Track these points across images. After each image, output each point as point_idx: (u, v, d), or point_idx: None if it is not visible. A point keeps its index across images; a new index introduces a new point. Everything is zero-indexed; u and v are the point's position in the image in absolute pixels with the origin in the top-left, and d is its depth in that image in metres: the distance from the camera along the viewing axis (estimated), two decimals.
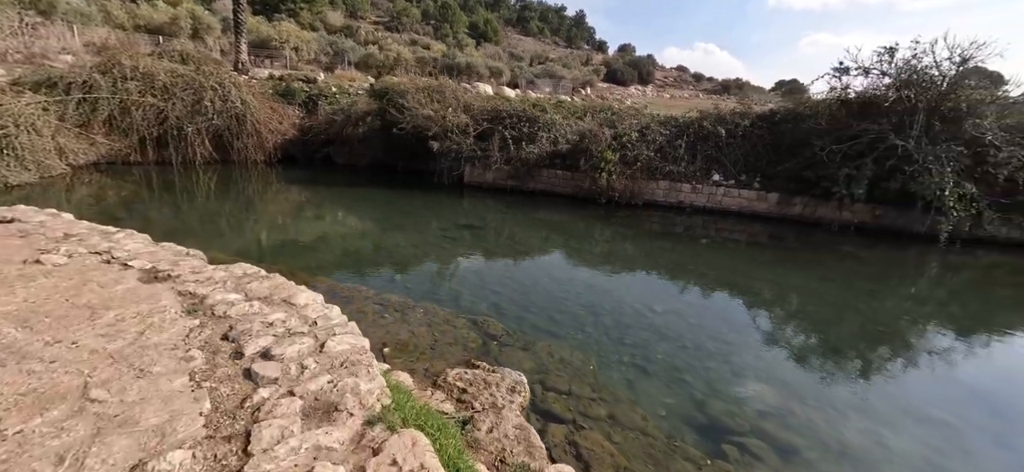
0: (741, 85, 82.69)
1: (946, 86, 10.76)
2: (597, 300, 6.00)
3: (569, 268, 7.47)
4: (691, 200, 12.51)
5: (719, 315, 6.08)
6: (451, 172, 13.33)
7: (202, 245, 6.98)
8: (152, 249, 4.86)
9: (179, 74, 14.84)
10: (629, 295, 6.33)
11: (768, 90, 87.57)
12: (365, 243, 7.79)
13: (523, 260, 7.65)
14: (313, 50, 35.20)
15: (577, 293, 6.20)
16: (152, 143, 14.28)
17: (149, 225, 7.69)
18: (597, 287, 6.53)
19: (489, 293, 5.92)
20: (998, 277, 9.55)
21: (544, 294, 6.06)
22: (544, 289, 6.26)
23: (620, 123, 12.76)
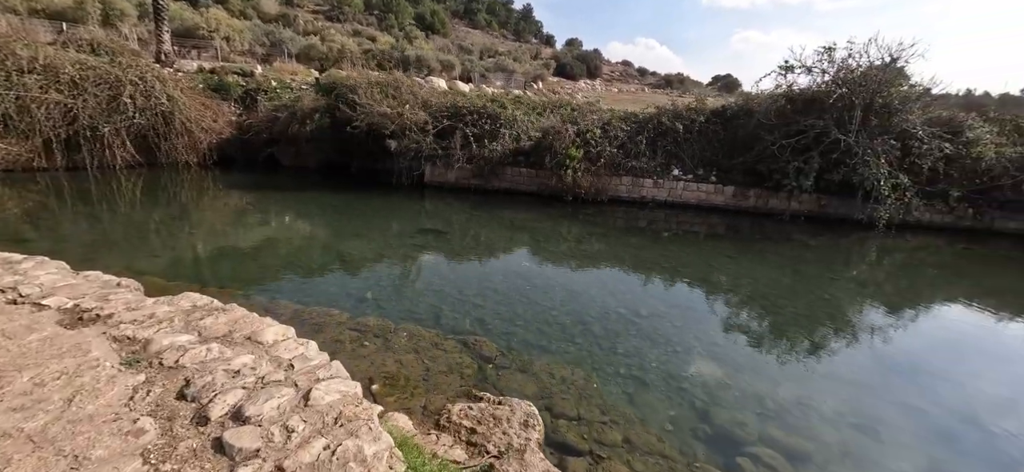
0: (682, 79, 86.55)
1: (878, 84, 11.56)
2: (581, 307, 5.81)
3: (547, 272, 7.25)
4: (653, 195, 12.70)
5: (700, 315, 6.09)
6: (411, 172, 12.72)
7: (132, 267, 6.09)
8: (72, 280, 4.08)
9: (90, 67, 13.07)
10: (612, 299, 6.19)
11: (706, 84, 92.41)
12: (326, 256, 7.14)
13: (498, 266, 7.33)
14: (247, 40, 32.67)
15: (560, 300, 5.98)
16: (60, 146, 12.51)
17: (63, 246, 6.66)
18: (579, 292, 6.34)
19: (471, 307, 5.56)
20: (923, 257, 10.42)
21: (527, 304, 5.78)
22: (526, 298, 5.98)
23: (582, 120, 12.70)
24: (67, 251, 6.36)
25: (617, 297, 6.29)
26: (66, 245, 6.70)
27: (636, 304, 6.01)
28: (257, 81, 19.30)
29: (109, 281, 4.17)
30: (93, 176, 12.52)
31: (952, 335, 6.20)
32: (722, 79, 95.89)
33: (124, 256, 6.50)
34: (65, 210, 9.11)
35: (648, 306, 6.07)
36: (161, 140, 14.02)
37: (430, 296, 5.84)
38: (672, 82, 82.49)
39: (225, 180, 13.46)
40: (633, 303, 6.06)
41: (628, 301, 6.15)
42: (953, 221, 12.05)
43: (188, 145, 14.63)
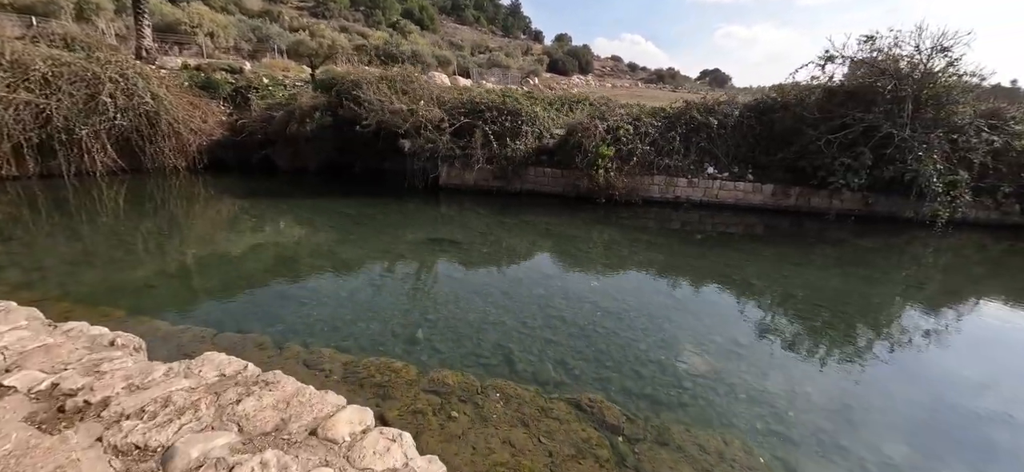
0: (674, 74, 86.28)
1: (926, 75, 10.86)
2: (669, 337, 4.90)
3: (612, 292, 6.27)
4: (687, 195, 11.85)
5: (815, 342, 5.23)
6: (426, 174, 11.67)
7: (120, 293, 4.98)
8: (48, 339, 3.01)
9: (64, 63, 11.75)
10: (700, 324, 5.29)
11: (694, 79, 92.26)
12: (354, 280, 6.08)
13: (553, 285, 6.35)
14: (231, 36, 31.10)
15: (643, 329, 5.04)
16: (32, 151, 11.18)
17: (38, 269, 5.51)
18: (658, 317, 5.42)
19: (543, 343, 4.60)
20: (970, 255, 9.79)
21: (607, 336, 4.84)
22: (603, 327, 5.04)
23: (611, 115, 11.77)
24: (41, 281, 5.24)
25: (704, 321, 5.38)
26: (42, 277, 5.55)
27: (733, 332, 5.11)
28: (247, 78, 18.02)
29: (99, 338, 3.11)
30: (70, 184, 11.23)
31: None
32: (710, 73, 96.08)
33: (110, 284, 5.39)
34: (39, 225, 7.89)
35: (743, 332, 5.18)
36: (146, 143, 12.74)
37: (491, 331, 4.86)
38: (664, 77, 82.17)
39: (218, 186, 12.25)
40: (728, 330, 5.16)
41: (720, 327, 5.25)
42: (999, 218, 11.44)
43: (176, 148, 13.36)
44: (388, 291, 5.80)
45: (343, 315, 5.01)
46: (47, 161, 11.54)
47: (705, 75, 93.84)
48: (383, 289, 5.84)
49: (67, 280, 5.39)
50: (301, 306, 5.14)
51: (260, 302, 5.16)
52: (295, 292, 5.51)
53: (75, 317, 4.14)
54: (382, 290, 5.81)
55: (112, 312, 4.44)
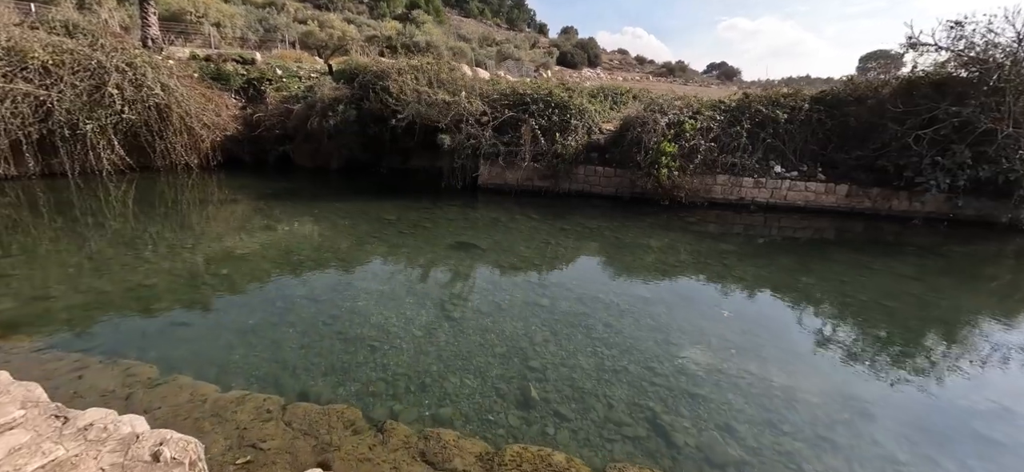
0: (683, 68, 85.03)
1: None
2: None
3: (744, 326, 5.22)
4: (753, 196, 10.76)
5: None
6: (466, 172, 10.59)
7: (145, 333, 3.88)
8: (54, 448, 1.95)
9: (66, 50, 10.65)
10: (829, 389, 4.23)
11: (701, 72, 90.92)
12: (423, 311, 5.01)
13: (663, 317, 5.29)
14: (238, 26, 29.96)
15: (775, 399, 3.98)
16: (32, 148, 10.12)
17: (41, 296, 4.45)
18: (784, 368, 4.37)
19: (688, 399, 3.59)
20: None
21: (756, 383, 3.79)
22: (747, 375, 3.99)
23: (670, 108, 10.65)
24: (44, 316, 4.18)
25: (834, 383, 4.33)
26: (47, 295, 4.51)
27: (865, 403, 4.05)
28: (259, 69, 16.85)
29: (134, 443, 2.04)
30: (75, 184, 10.17)
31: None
32: (717, 67, 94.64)
33: (132, 327, 4.34)
34: (41, 230, 6.83)
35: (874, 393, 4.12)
36: (156, 138, 11.67)
37: (615, 383, 3.83)
38: (673, 70, 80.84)
39: (235, 186, 11.17)
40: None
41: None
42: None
43: (188, 144, 12.30)
44: (469, 326, 4.73)
45: (428, 366, 3.95)
46: (49, 159, 10.48)
47: (712, 68, 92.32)
48: (463, 323, 4.78)
49: (76, 316, 4.32)
50: (373, 352, 4.08)
51: (323, 351, 4.09)
52: (359, 331, 4.45)
53: (91, 376, 3.09)
54: (462, 325, 4.74)
55: (139, 367, 3.38)
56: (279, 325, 4.42)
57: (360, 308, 4.90)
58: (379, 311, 4.87)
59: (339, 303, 4.97)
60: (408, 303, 5.12)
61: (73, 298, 4.66)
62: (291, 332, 4.31)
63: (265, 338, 4.18)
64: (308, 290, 5.21)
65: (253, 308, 4.71)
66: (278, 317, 4.57)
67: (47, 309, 4.32)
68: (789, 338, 4.96)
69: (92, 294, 4.75)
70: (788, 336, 5.00)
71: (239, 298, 4.94)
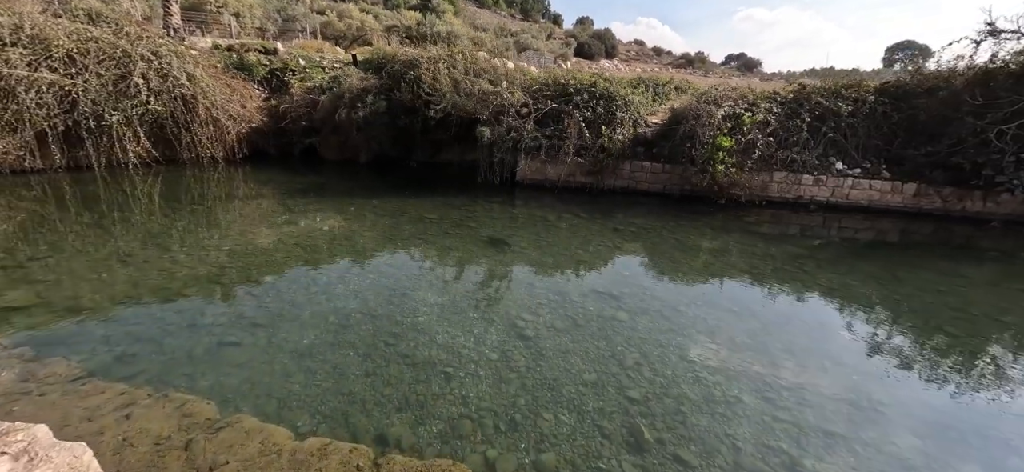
0: (703, 59, 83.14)
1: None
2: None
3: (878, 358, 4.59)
4: (812, 194, 10.02)
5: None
6: (504, 167, 10.01)
7: (184, 356, 3.39)
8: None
9: (91, 38, 10.26)
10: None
11: (719, 64, 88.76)
12: (491, 329, 4.44)
13: (761, 333, 4.71)
14: (257, 16, 29.64)
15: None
16: (57, 140, 9.78)
17: (72, 297, 3.99)
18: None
19: (822, 437, 2.99)
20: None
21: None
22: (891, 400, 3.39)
23: (724, 100, 9.93)
24: (78, 334, 3.73)
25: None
26: (74, 317, 4.06)
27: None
28: (282, 60, 16.38)
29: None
30: (101, 177, 9.82)
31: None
32: (736, 58, 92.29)
33: (168, 332, 3.88)
34: (68, 225, 6.42)
35: None
36: (182, 130, 11.27)
37: (735, 419, 3.27)
38: (693, 61, 79.06)
39: (263, 180, 10.75)
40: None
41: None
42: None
43: (214, 136, 11.90)
44: (548, 347, 4.18)
45: (513, 398, 3.42)
46: (74, 151, 10.15)
47: (730, 59, 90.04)
48: (539, 343, 4.23)
49: (114, 332, 3.86)
50: (448, 381, 3.56)
51: (391, 380, 3.58)
52: (427, 353, 3.93)
53: (140, 414, 2.60)
54: (539, 345, 4.19)
55: (193, 404, 2.89)
56: (337, 346, 3.92)
57: (422, 324, 4.37)
58: (443, 328, 4.34)
59: (398, 318, 4.45)
60: (473, 318, 4.58)
61: (108, 309, 4.21)
62: (352, 355, 3.80)
63: (325, 362, 3.67)
64: (361, 302, 4.69)
65: (304, 324, 4.21)
66: (334, 335, 4.07)
67: (82, 324, 3.87)
68: (915, 364, 4.32)
69: (129, 305, 4.29)
70: (913, 361, 4.37)
71: (287, 310, 4.45)
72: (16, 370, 3.00)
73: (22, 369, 3.03)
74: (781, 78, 41.81)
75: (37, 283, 4.60)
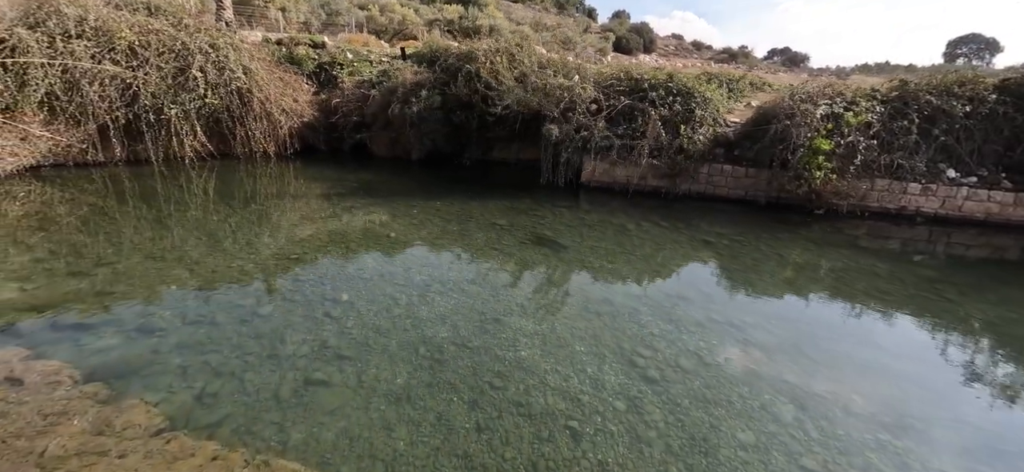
0: (747, 53, 79.71)
1: None
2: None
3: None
4: (918, 205, 8.88)
5: None
6: (569, 168, 9.31)
7: (269, 397, 2.89)
8: None
9: (152, 31, 10.13)
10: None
11: (761, 59, 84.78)
12: (605, 366, 3.76)
13: (903, 383, 3.88)
14: (302, 11, 29.84)
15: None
16: (118, 133, 9.70)
17: (143, 314, 3.56)
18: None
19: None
20: None
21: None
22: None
23: (821, 97, 8.89)
24: (148, 341, 3.28)
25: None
26: (147, 332, 3.65)
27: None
28: (330, 54, 16.13)
29: None
30: (159, 171, 9.68)
31: None
32: (780, 52, 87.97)
33: (248, 365, 3.39)
34: (126, 221, 6.14)
35: None
36: (236, 125, 11.08)
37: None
38: (735, 56, 75.87)
39: (316, 177, 10.41)
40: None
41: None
42: None
43: (267, 131, 11.67)
44: (681, 394, 3.50)
45: (662, 463, 2.78)
46: (134, 145, 10.06)
47: (773, 54, 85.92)
48: (670, 389, 3.55)
49: (191, 362, 3.40)
50: (576, 440, 2.94)
51: (509, 436, 2.99)
52: (542, 400, 3.32)
53: None
54: (671, 392, 3.51)
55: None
56: (436, 388, 3.34)
57: (526, 361, 3.74)
58: (552, 365, 3.70)
59: (496, 351, 3.84)
60: (581, 352, 3.92)
61: (179, 328, 3.77)
62: (456, 402, 3.21)
63: (427, 411, 3.09)
64: (451, 329, 4.11)
65: (394, 357, 3.65)
66: (429, 373, 3.49)
67: (156, 351, 3.42)
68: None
69: (200, 325, 3.84)
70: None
71: (371, 338, 3.90)
72: (89, 416, 2.56)
73: (96, 416, 2.58)
74: (830, 73, 39.25)
75: (106, 295, 4.23)
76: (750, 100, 11.11)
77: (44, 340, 3.44)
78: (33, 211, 6.76)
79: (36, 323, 3.70)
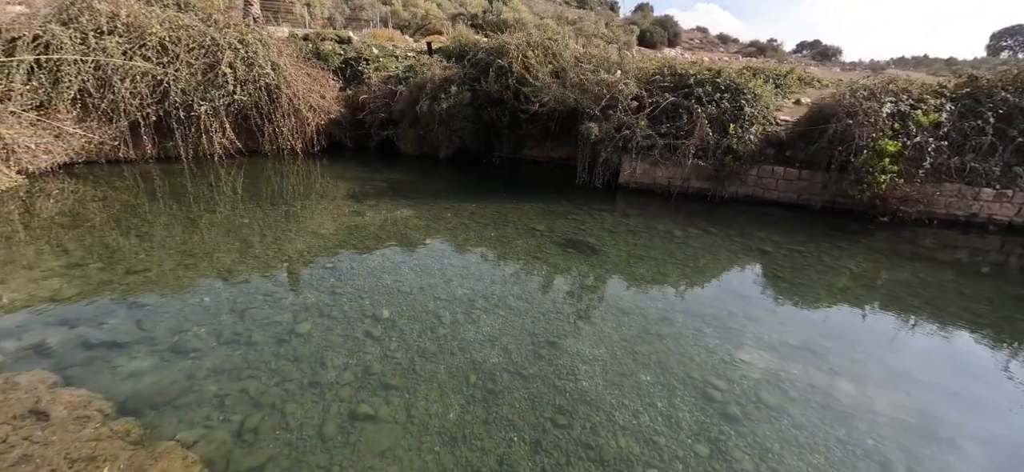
0: (776, 47, 77.15)
1: None
2: None
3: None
4: (991, 212, 8.15)
5: None
6: (607, 167, 8.85)
7: (313, 433, 2.58)
8: None
9: (182, 26, 10.03)
10: None
11: (790, 52, 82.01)
12: (676, 400, 3.35)
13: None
14: (326, 6, 29.87)
15: None
16: (149, 130, 9.64)
17: (176, 330, 3.29)
18: None
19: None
20: None
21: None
22: None
23: (883, 94, 8.20)
24: (181, 364, 3.01)
25: None
26: (181, 353, 3.40)
27: None
28: (356, 49, 15.91)
29: None
30: (189, 169, 9.59)
31: None
32: (809, 45, 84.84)
33: (289, 394, 3.10)
34: (157, 218, 5.97)
35: None
36: (265, 122, 10.94)
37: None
38: (764, 50, 73.52)
39: (345, 176, 10.18)
40: None
41: None
42: None
43: (295, 128, 11.52)
44: (768, 436, 3.09)
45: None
46: (164, 142, 10.00)
47: (802, 47, 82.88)
48: (757, 429, 3.13)
49: (227, 389, 3.13)
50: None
51: None
52: (612, 443, 2.96)
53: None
54: (758, 433, 3.09)
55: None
56: (492, 424, 2.99)
57: (588, 392, 3.37)
58: (618, 398, 3.32)
59: (555, 380, 3.47)
60: (648, 382, 3.52)
61: (216, 352, 3.51)
62: (517, 442, 2.85)
63: (486, 453, 2.75)
64: (502, 354, 3.75)
65: (443, 386, 3.32)
66: (484, 407, 3.14)
67: (191, 377, 3.16)
68: None
69: (236, 345, 3.57)
70: None
71: (417, 363, 3.58)
72: (120, 463, 2.29)
73: (128, 462, 2.30)
74: (865, 68, 37.37)
75: (138, 307, 4.01)
76: (799, 97, 10.43)
77: (74, 360, 3.21)
78: (66, 209, 6.67)
79: (67, 338, 3.49)
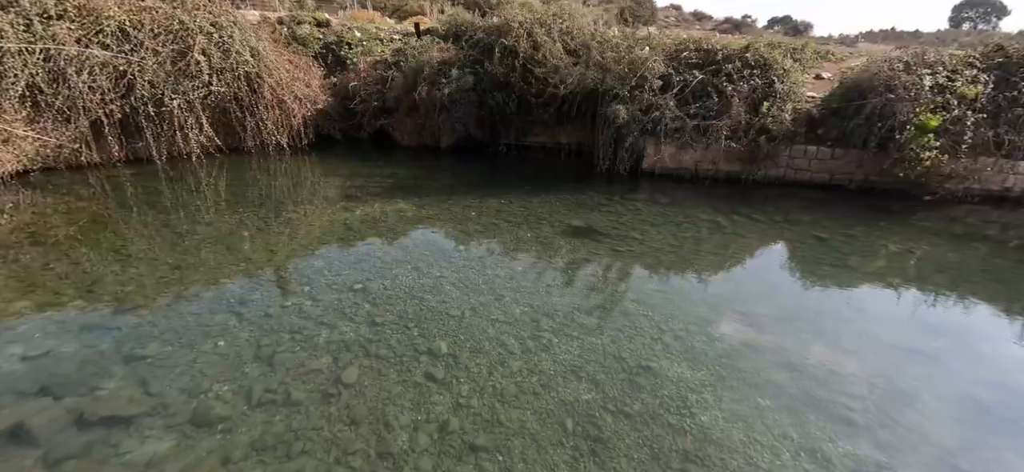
0: (750, 23, 77.61)
1: None
2: None
3: None
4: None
5: None
6: (633, 151, 8.24)
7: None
8: None
9: (144, 8, 8.81)
10: None
11: (762, 27, 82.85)
12: (785, 442, 2.85)
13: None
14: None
15: None
16: (114, 129, 8.48)
17: (195, 383, 2.54)
18: None
19: None
20: None
21: None
22: None
23: (920, 66, 7.81)
24: (198, 409, 2.26)
25: None
26: (195, 392, 2.64)
27: None
28: (336, 32, 14.73)
29: None
30: (164, 171, 8.53)
31: None
32: (780, 20, 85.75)
33: (308, 446, 2.40)
34: (133, 234, 5.06)
35: None
36: (246, 115, 9.87)
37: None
38: (739, 26, 73.83)
39: (339, 171, 9.29)
40: None
41: None
42: None
43: (280, 121, 10.47)
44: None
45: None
46: (133, 143, 8.87)
47: (774, 23, 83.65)
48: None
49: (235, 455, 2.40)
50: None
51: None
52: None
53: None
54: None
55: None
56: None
57: (711, 429, 2.78)
58: (746, 434, 2.76)
59: (667, 417, 2.87)
60: (769, 408, 2.95)
61: (250, 419, 2.75)
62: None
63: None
64: (593, 387, 3.12)
65: (538, 440, 2.67)
66: (595, 462, 2.52)
67: (227, 462, 2.42)
68: None
69: (277, 407, 2.82)
70: None
71: (499, 413, 2.91)
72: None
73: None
74: (835, 41, 37.85)
75: (137, 359, 3.19)
76: (818, 72, 10.01)
77: (68, 450, 2.42)
78: (25, 225, 5.65)
79: (54, 416, 2.67)
